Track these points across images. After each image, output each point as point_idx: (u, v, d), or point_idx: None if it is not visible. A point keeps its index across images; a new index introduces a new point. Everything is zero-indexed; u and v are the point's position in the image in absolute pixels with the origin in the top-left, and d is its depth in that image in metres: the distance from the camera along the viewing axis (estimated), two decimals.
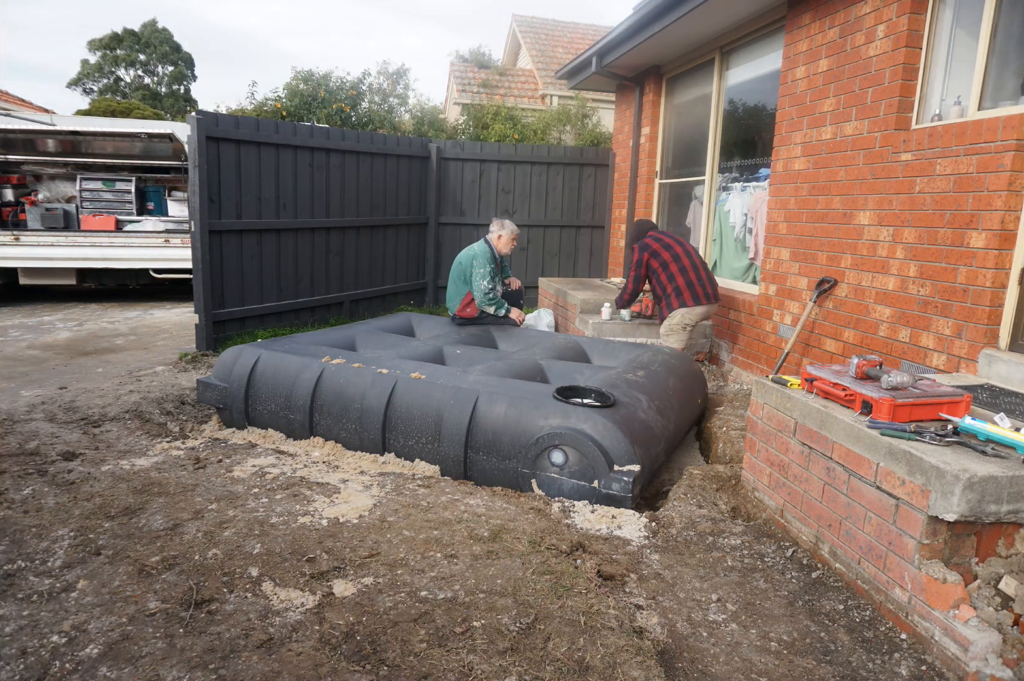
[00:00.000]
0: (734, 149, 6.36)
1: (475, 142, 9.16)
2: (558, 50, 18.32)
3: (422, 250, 8.80)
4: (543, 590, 2.30)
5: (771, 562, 2.74)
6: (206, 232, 5.89)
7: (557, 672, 1.91)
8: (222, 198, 6.09)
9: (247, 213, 6.34)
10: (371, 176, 7.77)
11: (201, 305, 5.98)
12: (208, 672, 1.88)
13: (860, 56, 4.34)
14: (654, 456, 3.50)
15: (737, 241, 6.21)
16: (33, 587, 2.27)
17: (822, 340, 4.69)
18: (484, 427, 3.50)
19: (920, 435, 2.37)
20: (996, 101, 3.60)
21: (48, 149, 9.20)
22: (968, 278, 3.50)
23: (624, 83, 8.28)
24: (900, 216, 3.99)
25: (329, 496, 3.05)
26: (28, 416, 4.13)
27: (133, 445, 3.77)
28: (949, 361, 3.61)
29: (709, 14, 5.61)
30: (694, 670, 2.08)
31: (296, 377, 4.02)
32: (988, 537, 2.25)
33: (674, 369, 4.42)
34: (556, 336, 5.21)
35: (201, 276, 5.93)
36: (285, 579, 2.34)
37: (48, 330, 7.15)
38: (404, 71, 14.25)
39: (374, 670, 1.91)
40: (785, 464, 3.01)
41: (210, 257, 5.97)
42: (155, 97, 34.42)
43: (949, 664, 2.10)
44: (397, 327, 5.35)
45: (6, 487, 3.06)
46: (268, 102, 12.88)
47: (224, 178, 6.09)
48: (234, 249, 6.25)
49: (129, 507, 2.88)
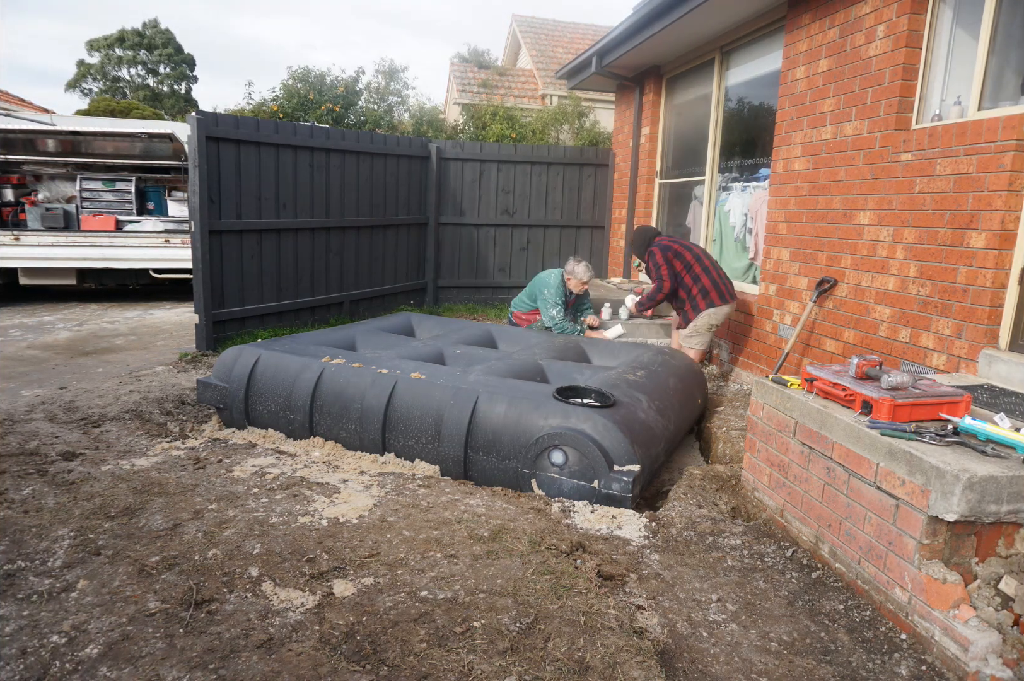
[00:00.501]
0: (734, 149, 6.36)
1: (475, 142, 9.16)
2: (558, 50, 18.32)
3: (422, 250, 8.79)
4: (543, 590, 2.30)
5: (771, 562, 2.74)
6: (206, 232, 5.89)
7: (557, 672, 1.91)
8: (222, 198, 6.09)
9: (247, 213, 6.34)
10: (371, 176, 7.77)
11: (201, 305, 5.98)
12: (208, 672, 1.88)
13: (860, 56, 4.34)
14: (654, 456, 3.50)
15: (737, 241, 6.21)
16: (33, 587, 2.27)
17: (822, 340, 4.69)
18: (484, 427, 3.50)
19: (920, 435, 2.37)
20: (996, 101, 3.60)
21: (48, 149, 9.19)
22: (968, 278, 3.50)
23: (624, 83, 8.28)
24: (900, 216, 3.99)
25: (329, 496, 3.05)
26: (28, 416, 4.13)
27: (133, 445, 3.77)
28: (949, 361, 3.61)
29: (709, 14, 5.61)
30: (694, 670, 2.08)
31: (296, 377, 4.02)
32: (988, 537, 2.25)
33: (674, 369, 4.42)
34: (556, 336, 5.21)
35: (201, 276, 5.93)
36: (285, 579, 2.34)
37: (48, 330, 7.15)
38: (402, 69, 14.21)
39: (374, 670, 1.91)
40: (785, 464, 3.01)
41: (210, 257, 5.97)
42: (156, 97, 34.42)
43: (949, 664, 2.10)
44: (397, 327, 5.35)
45: (6, 487, 3.06)
46: (266, 102, 12.84)
47: (224, 178, 6.08)
48: (234, 249, 6.25)
49: (129, 507, 2.88)
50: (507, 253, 9.09)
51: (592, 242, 9.25)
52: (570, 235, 9.20)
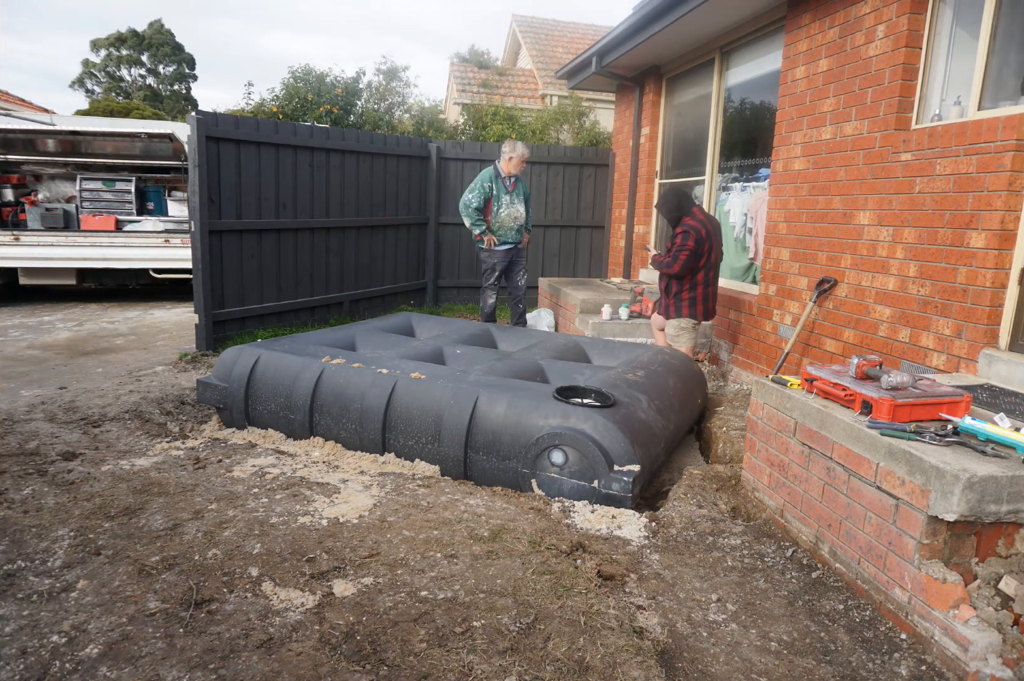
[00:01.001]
0: (734, 149, 6.36)
1: (475, 142, 9.16)
2: (558, 50, 18.32)
3: (422, 250, 8.79)
4: (543, 590, 2.30)
5: (771, 562, 2.74)
6: (206, 232, 5.89)
7: (557, 672, 1.91)
8: (222, 198, 6.09)
9: (247, 213, 6.34)
10: (371, 176, 7.77)
11: (201, 305, 5.98)
12: (208, 672, 1.88)
13: (860, 56, 4.34)
14: (654, 456, 3.50)
15: (737, 241, 6.21)
16: (33, 587, 2.27)
17: (822, 340, 4.69)
18: (484, 427, 3.50)
19: (920, 435, 2.37)
20: (996, 101, 3.60)
21: (48, 149, 9.19)
22: (968, 278, 3.50)
23: (624, 83, 8.28)
24: (900, 216, 3.99)
25: (329, 496, 3.05)
26: (28, 416, 4.13)
27: (133, 445, 3.77)
28: (949, 361, 3.61)
29: (709, 14, 5.61)
30: (694, 670, 2.08)
31: (296, 377, 4.02)
32: (988, 537, 2.25)
33: (674, 369, 4.42)
34: (556, 336, 5.21)
35: (201, 276, 5.93)
36: (285, 579, 2.34)
37: (48, 330, 7.15)
38: (403, 68, 14.19)
39: (374, 670, 1.91)
40: (785, 464, 3.01)
41: (210, 257, 5.97)
42: (156, 97, 34.44)
43: (949, 664, 2.10)
44: (397, 327, 5.35)
45: (6, 487, 3.06)
46: (266, 102, 12.82)
47: (224, 178, 6.09)
48: (234, 249, 6.25)
49: (129, 507, 2.88)
50: None
51: (592, 242, 9.25)
52: (570, 235, 9.20)
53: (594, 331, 5.99)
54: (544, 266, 9.17)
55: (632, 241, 8.32)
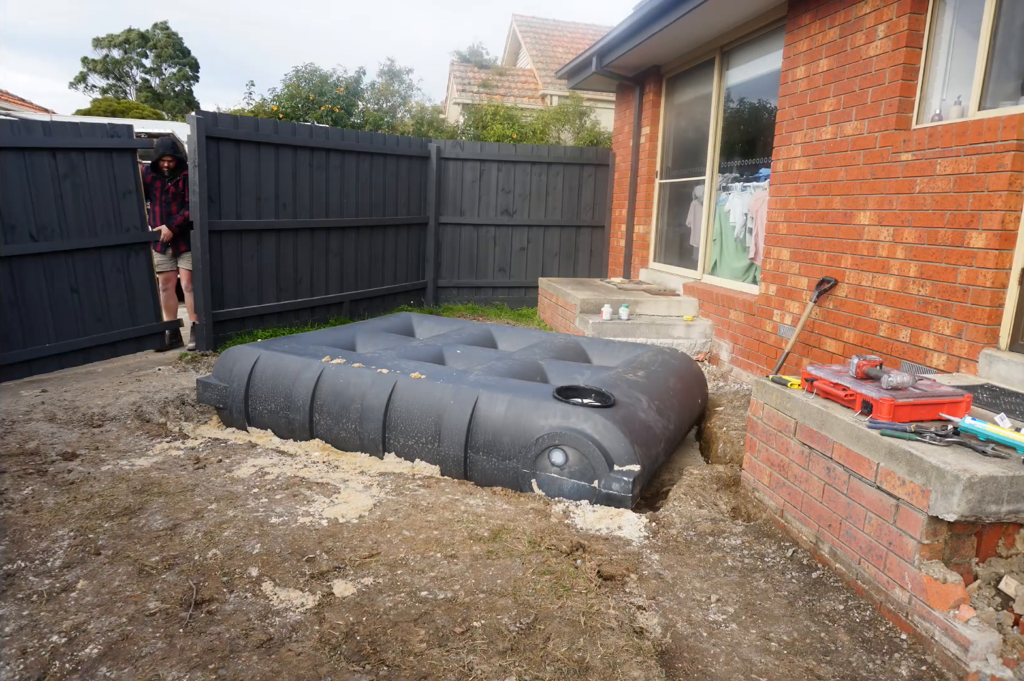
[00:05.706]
0: (734, 149, 6.36)
1: (475, 142, 9.16)
2: (558, 50, 18.32)
3: (422, 250, 8.79)
4: (543, 590, 2.30)
5: (771, 562, 2.74)
6: (206, 232, 5.89)
7: (557, 672, 1.91)
8: (222, 198, 6.09)
9: (247, 213, 6.34)
10: (371, 176, 7.77)
11: (201, 305, 5.98)
12: (208, 672, 1.88)
13: (860, 56, 4.34)
14: (654, 456, 3.50)
15: (737, 241, 6.21)
16: (33, 587, 2.27)
17: (822, 340, 4.69)
18: (484, 427, 3.50)
19: (920, 435, 2.37)
20: (996, 101, 3.60)
21: None
22: (968, 278, 3.50)
23: (624, 83, 8.28)
24: (900, 216, 3.99)
25: (329, 496, 3.05)
26: (28, 416, 4.13)
27: (133, 445, 3.77)
28: (949, 361, 3.61)
29: (709, 14, 5.61)
30: (694, 670, 2.08)
31: (296, 377, 4.02)
32: (988, 537, 2.25)
33: (674, 369, 4.42)
34: (556, 336, 5.21)
35: (201, 276, 5.93)
36: (285, 579, 2.34)
37: None
38: (407, 70, 14.21)
39: (374, 670, 1.91)
40: (785, 464, 3.01)
41: (210, 257, 5.97)
42: (158, 98, 34.45)
43: (949, 664, 2.10)
44: (397, 327, 5.35)
45: (6, 487, 3.06)
46: (266, 102, 12.82)
47: (224, 178, 6.09)
48: (234, 249, 6.25)
49: (129, 507, 2.88)
50: (507, 253, 9.09)
51: (592, 242, 9.25)
52: (570, 235, 9.20)
53: (594, 331, 5.99)
54: (544, 266, 9.17)
55: (632, 241, 8.32)
